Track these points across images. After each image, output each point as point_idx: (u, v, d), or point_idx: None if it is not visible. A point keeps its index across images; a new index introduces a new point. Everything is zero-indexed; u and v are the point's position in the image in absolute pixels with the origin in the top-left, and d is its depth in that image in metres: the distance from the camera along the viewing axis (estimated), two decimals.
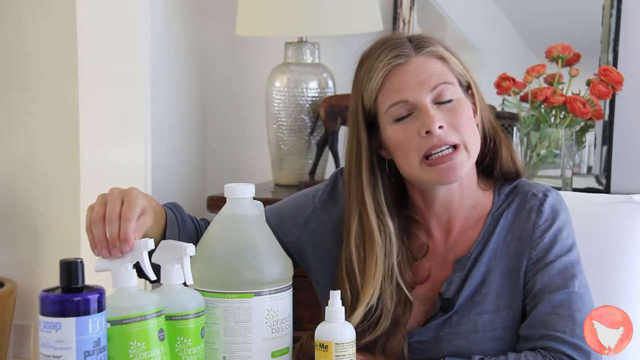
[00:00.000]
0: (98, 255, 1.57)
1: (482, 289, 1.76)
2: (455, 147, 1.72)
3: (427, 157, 1.72)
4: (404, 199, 1.82)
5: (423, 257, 1.80)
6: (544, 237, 1.76)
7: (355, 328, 1.64)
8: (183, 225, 1.78)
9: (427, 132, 1.70)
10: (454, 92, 1.73)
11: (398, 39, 1.76)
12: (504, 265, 1.77)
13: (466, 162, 1.73)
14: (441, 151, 1.71)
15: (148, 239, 1.54)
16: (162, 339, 1.47)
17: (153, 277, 1.54)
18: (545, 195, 1.79)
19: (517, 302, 1.76)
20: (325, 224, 1.85)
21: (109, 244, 1.56)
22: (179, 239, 1.73)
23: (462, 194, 1.80)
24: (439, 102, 1.72)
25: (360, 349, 1.70)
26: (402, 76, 1.73)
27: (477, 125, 1.77)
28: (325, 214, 1.86)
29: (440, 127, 1.70)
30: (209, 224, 1.84)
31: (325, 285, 1.82)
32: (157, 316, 1.47)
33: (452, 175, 1.73)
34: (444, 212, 1.81)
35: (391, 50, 1.74)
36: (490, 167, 1.83)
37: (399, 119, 1.74)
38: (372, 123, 1.77)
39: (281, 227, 1.86)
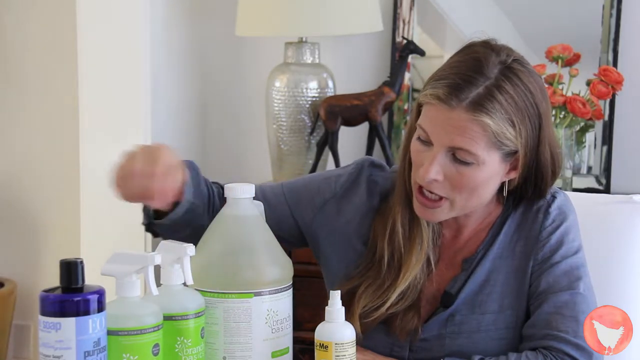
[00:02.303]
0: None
1: (486, 288, 1.76)
2: (441, 197, 1.72)
3: (419, 187, 1.73)
4: None
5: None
6: (551, 238, 1.76)
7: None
8: (198, 186, 1.77)
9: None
10: (475, 159, 1.68)
11: (469, 76, 1.67)
12: (509, 265, 1.77)
13: (445, 214, 1.74)
14: (429, 192, 1.72)
15: (155, 253, 1.53)
16: (156, 354, 1.46)
17: (155, 292, 1.52)
18: (553, 197, 1.79)
19: (522, 303, 1.76)
20: (343, 212, 1.85)
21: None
22: (193, 199, 1.73)
23: (472, 214, 1.79)
24: (455, 157, 1.69)
25: (383, 323, 1.75)
26: (438, 114, 1.68)
27: (515, 178, 1.74)
28: (344, 202, 1.85)
29: (435, 179, 1.69)
30: (221, 187, 1.83)
31: (334, 271, 1.83)
32: (154, 331, 1.46)
33: (428, 218, 1.75)
34: (452, 221, 1.81)
35: (449, 87, 1.66)
36: (521, 196, 1.79)
37: (420, 139, 1.73)
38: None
39: (297, 206, 1.86)
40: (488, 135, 1.66)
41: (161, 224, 1.72)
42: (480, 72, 1.67)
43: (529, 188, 1.77)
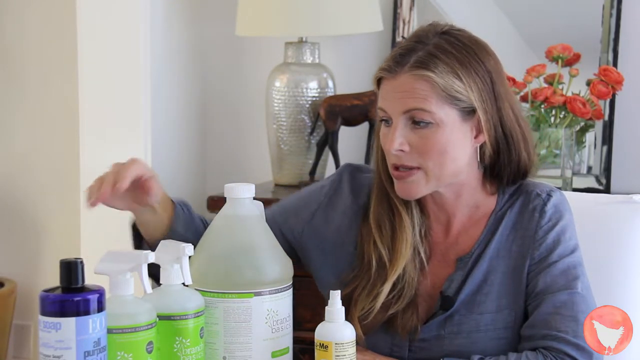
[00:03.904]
0: (91, 206, 1.61)
1: (484, 288, 1.76)
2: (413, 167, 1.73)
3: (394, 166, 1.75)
4: None
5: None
6: (547, 237, 1.76)
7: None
8: (192, 221, 1.78)
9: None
10: (432, 117, 1.71)
11: (409, 45, 1.74)
12: (506, 265, 1.77)
13: (422, 185, 1.74)
14: (401, 167, 1.74)
15: (148, 251, 1.53)
16: (150, 352, 1.46)
17: (149, 290, 1.52)
18: (549, 196, 1.79)
19: (519, 302, 1.76)
20: (331, 219, 1.86)
21: (102, 185, 1.63)
22: (186, 234, 1.74)
23: (458, 197, 1.80)
24: (414, 121, 1.72)
25: (383, 323, 1.76)
26: (387, 87, 1.74)
27: (485, 142, 1.75)
28: (330, 210, 1.87)
29: (401, 149, 1.72)
30: None
31: (328, 280, 1.83)
32: (148, 328, 1.46)
33: (407, 193, 1.76)
34: (439, 212, 1.81)
35: (391, 58, 1.74)
36: (502, 173, 1.80)
37: (383, 120, 1.76)
38: None
39: (286, 222, 1.87)
40: (436, 89, 1.70)
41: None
42: (419, 41, 1.74)
43: (504, 157, 1.77)
